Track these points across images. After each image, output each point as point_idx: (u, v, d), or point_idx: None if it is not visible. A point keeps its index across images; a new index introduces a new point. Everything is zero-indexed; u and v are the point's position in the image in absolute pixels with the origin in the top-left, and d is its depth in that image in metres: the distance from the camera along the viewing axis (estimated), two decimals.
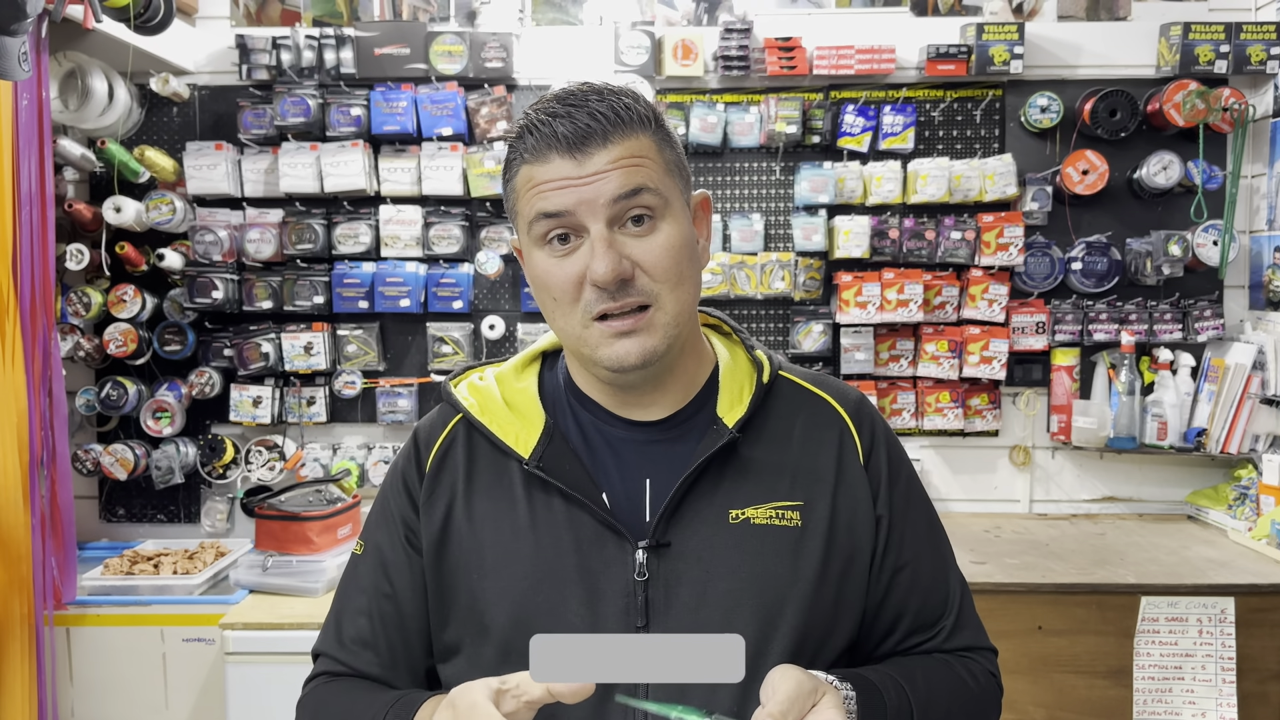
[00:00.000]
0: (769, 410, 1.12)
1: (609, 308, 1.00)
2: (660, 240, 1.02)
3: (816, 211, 2.98)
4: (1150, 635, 2.40)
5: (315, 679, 1.17)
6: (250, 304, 2.98)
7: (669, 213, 1.03)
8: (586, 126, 0.99)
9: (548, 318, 1.07)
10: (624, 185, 0.99)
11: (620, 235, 1.01)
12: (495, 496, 1.09)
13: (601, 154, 0.99)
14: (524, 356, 1.19)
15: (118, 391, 2.92)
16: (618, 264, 0.99)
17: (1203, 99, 2.85)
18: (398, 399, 3.03)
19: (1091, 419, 2.95)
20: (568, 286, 1.01)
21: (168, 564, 2.72)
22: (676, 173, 1.06)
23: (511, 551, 1.06)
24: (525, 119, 1.03)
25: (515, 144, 1.04)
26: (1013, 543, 2.75)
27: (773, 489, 1.08)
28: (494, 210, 3.01)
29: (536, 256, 1.04)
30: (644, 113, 1.03)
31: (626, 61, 2.91)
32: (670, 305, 1.03)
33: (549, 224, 1.01)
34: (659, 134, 1.05)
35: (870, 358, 3.01)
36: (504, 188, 1.08)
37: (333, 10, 3.06)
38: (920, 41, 2.98)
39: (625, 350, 1.01)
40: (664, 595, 1.03)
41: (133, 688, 2.59)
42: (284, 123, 2.89)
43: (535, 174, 1.01)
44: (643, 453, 1.10)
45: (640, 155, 1.01)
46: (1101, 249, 3.00)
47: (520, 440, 1.09)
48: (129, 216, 2.85)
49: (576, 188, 0.99)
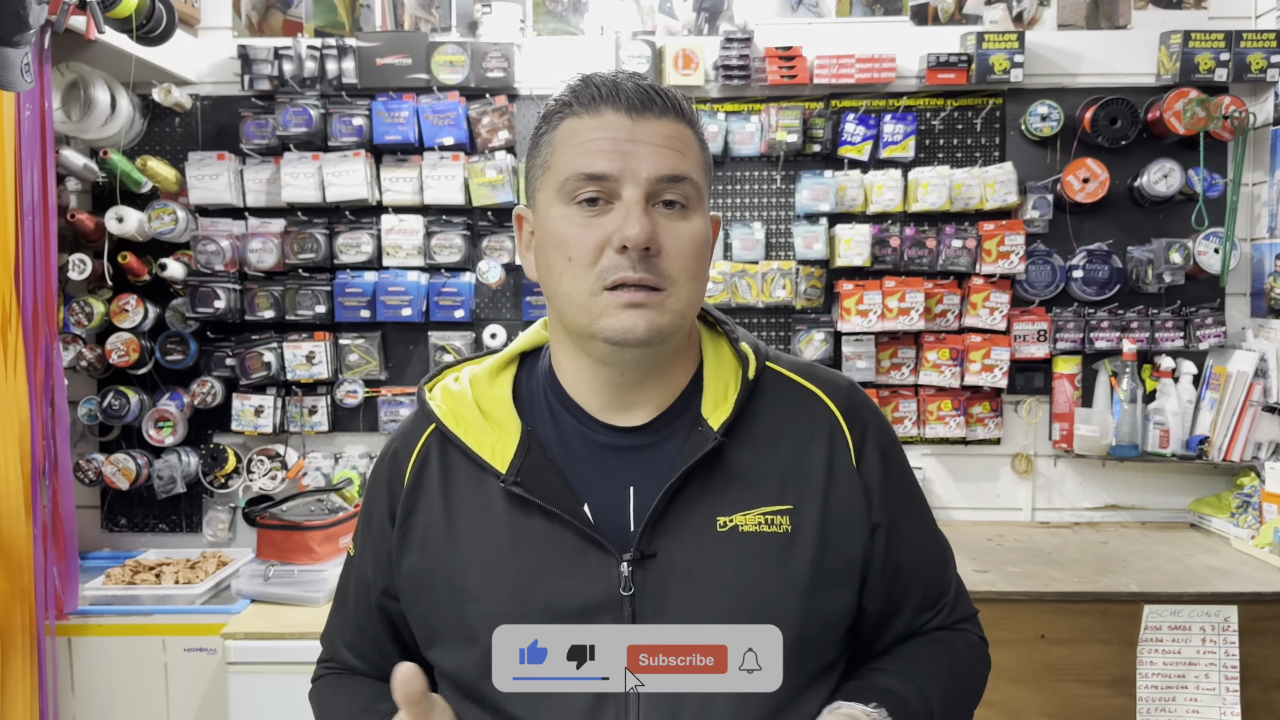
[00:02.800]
0: (755, 409, 1.09)
1: (627, 277, 0.98)
2: (689, 230, 1.03)
3: (817, 220, 2.98)
4: (1153, 644, 2.40)
5: (321, 664, 1.24)
6: (252, 313, 2.99)
7: (699, 207, 1.05)
8: (649, 94, 1.02)
9: (552, 281, 1.03)
10: (673, 167, 1.01)
11: (653, 211, 1.01)
12: (474, 516, 1.06)
13: (656, 124, 1.01)
14: (501, 358, 1.15)
15: (120, 401, 2.92)
16: (650, 230, 0.99)
17: (1203, 107, 2.86)
18: (399, 408, 3.03)
19: (1093, 427, 2.94)
20: (587, 248, 1.00)
21: (169, 574, 2.72)
22: (707, 176, 1.08)
23: (494, 574, 1.03)
24: (580, 77, 1.06)
25: (565, 98, 1.05)
26: (1015, 551, 2.75)
27: (761, 493, 1.04)
28: (495, 219, 3.02)
29: (557, 212, 1.02)
30: (690, 112, 1.07)
31: (627, 71, 2.91)
32: (684, 294, 1.02)
33: (586, 184, 1.00)
34: (699, 135, 1.08)
35: (872, 366, 3.01)
36: (533, 144, 1.08)
37: (334, 21, 3.07)
38: (920, 50, 2.98)
39: (633, 322, 0.99)
40: (652, 609, 1.00)
41: (134, 698, 2.58)
42: (286, 133, 2.90)
43: (583, 127, 1.02)
44: (626, 459, 1.06)
45: (687, 142, 1.04)
46: (1103, 257, 3.00)
47: (496, 453, 1.05)
48: (131, 226, 2.86)
49: (624, 152, 0.99)
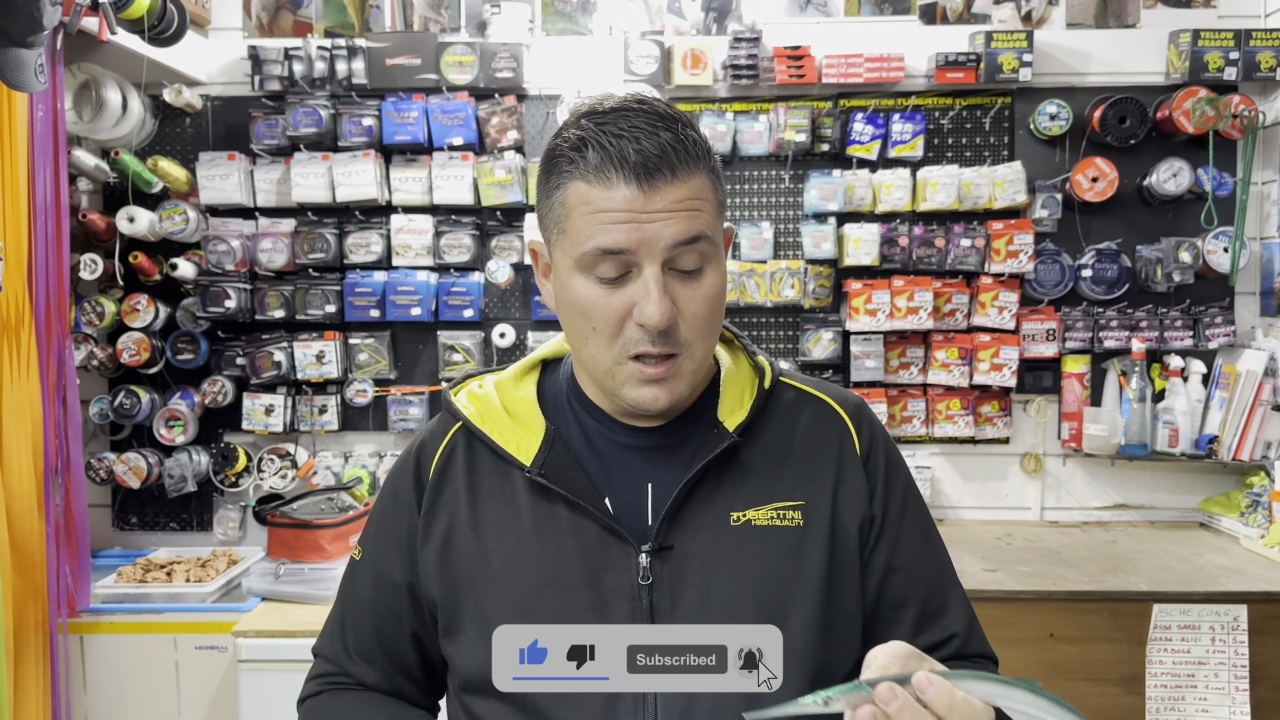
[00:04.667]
0: (769, 414, 1.13)
1: (648, 350, 1.01)
2: (705, 289, 1.02)
3: (826, 219, 2.98)
4: (1163, 643, 2.40)
5: (318, 679, 1.21)
6: (263, 313, 3.00)
7: (715, 258, 1.03)
8: (658, 158, 0.96)
9: (577, 342, 1.06)
10: (687, 231, 0.98)
11: (670, 277, 1.00)
12: (499, 505, 1.10)
13: (669, 190, 0.97)
14: (523, 364, 1.19)
15: (131, 400, 2.94)
16: (670, 311, 0.99)
17: (1212, 106, 2.85)
18: (409, 407, 3.04)
19: (1103, 426, 2.94)
20: (611, 320, 1.01)
21: (180, 572, 2.73)
22: (722, 213, 1.07)
23: (516, 559, 1.07)
24: (583, 131, 0.99)
25: (570, 154, 0.99)
26: (1024, 550, 2.75)
27: (773, 490, 1.09)
28: (504, 219, 3.02)
29: (579, 283, 1.02)
30: (705, 148, 1.02)
31: (636, 71, 2.92)
32: (698, 353, 1.04)
33: (603, 259, 0.99)
34: (713, 172, 1.03)
35: (880, 365, 3.01)
36: (544, 195, 1.04)
37: (344, 21, 3.08)
38: (929, 50, 2.98)
39: (653, 396, 1.03)
40: (669, 599, 1.04)
41: (146, 695, 2.60)
42: (296, 133, 2.91)
43: (595, 197, 0.98)
44: (645, 458, 1.11)
45: (701, 197, 1.00)
46: (1112, 256, 3.00)
47: (521, 448, 1.10)
48: (142, 226, 2.87)
49: (640, 224, 0.97)
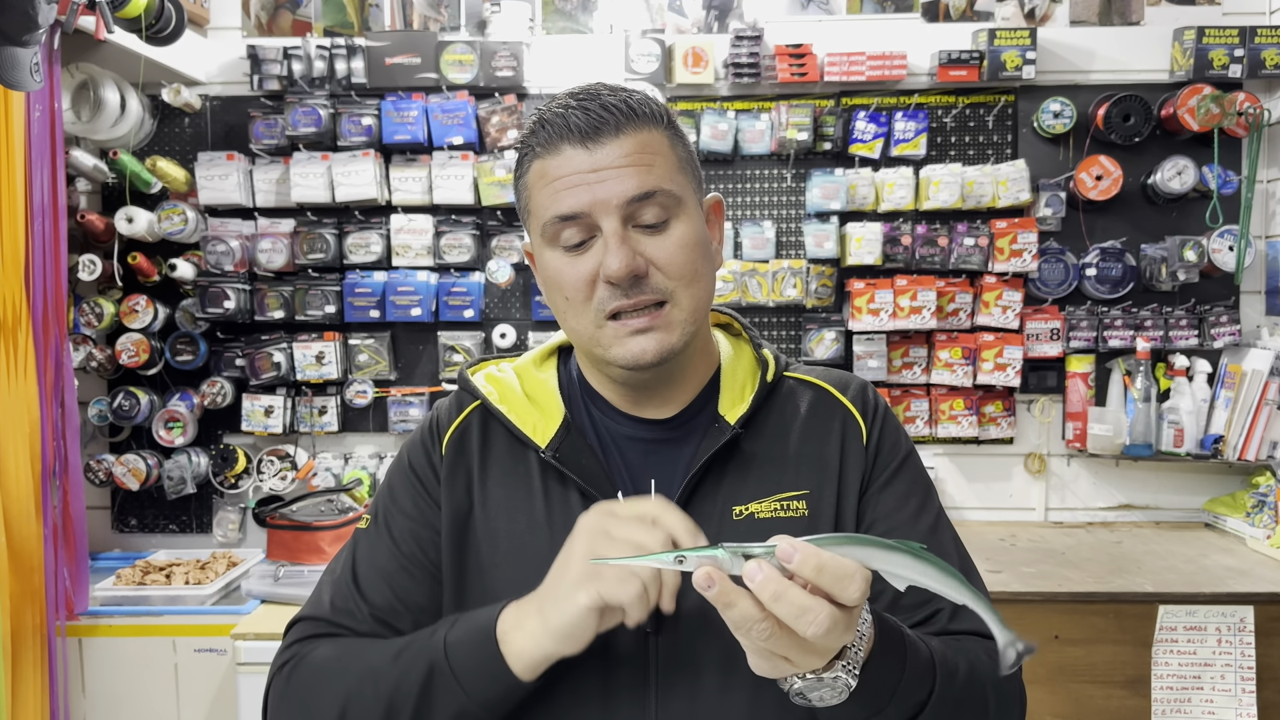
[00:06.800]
0: (771, 406, 1.13)
1: (622, 305, 1.01)
2: (674, 238, 1.02)
3: (828, 218, 2.97)
4: (1168, 644, 2.38)
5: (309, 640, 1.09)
6: (262, 314, 2.98)
7: (682, 211, 1.04)
8: (599, 117, 1.00)
9: (560, 319, 1.07)
10: (639, 187, 1.00)
11: (634, 233, 1.01)
12: (511, 485, 1.09)
13: (614, 145, 1.00)
14: (542, 350, 1.20)
15: (130, 401, 2.92)
16: (631, 259, 0.99)
17: (1217, 103, 2.83)
18: (409, 408, 3.03)
19: (1107, 426, 2.92)
20: (580, 285, 1.02)
21: (179, 574, 2.72)
22: (689, 170, 1.07)
23: (527, 544, 1.06)
24: (537, 115, 1.04)
25: (528, 139, 1.05)
26: (1028, 551, 2.73)
27: (776, 482, 1.08)
28: (505, 219, 3.01)
29: (548, 255, 1.04)
30: (656, 109, 1.04)
31: (637, 69, 2.91)
32: (686, 302, 1.03)
33: (562, 226, 1.01)
34: (670, 130, 1.05)
35: (883, 365, 2.99)
36: (515, 186, 1.09)
37: (343, 20, 3.07)
38: (932, 47, 2.96)
39: (642, 348, 1.02)
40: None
41: (145, 698, 2.58)
42: (295, 132, 2.90)
43: (548, 167, 1.02)
44: (646, 452, 1.11)
45: (652, 151, 1.02)
46: (1116, 255, 2.98)
47: (539, 430, 1.09)
48: (141, 227, 2.86)
49: (590, 185, 0.99)
